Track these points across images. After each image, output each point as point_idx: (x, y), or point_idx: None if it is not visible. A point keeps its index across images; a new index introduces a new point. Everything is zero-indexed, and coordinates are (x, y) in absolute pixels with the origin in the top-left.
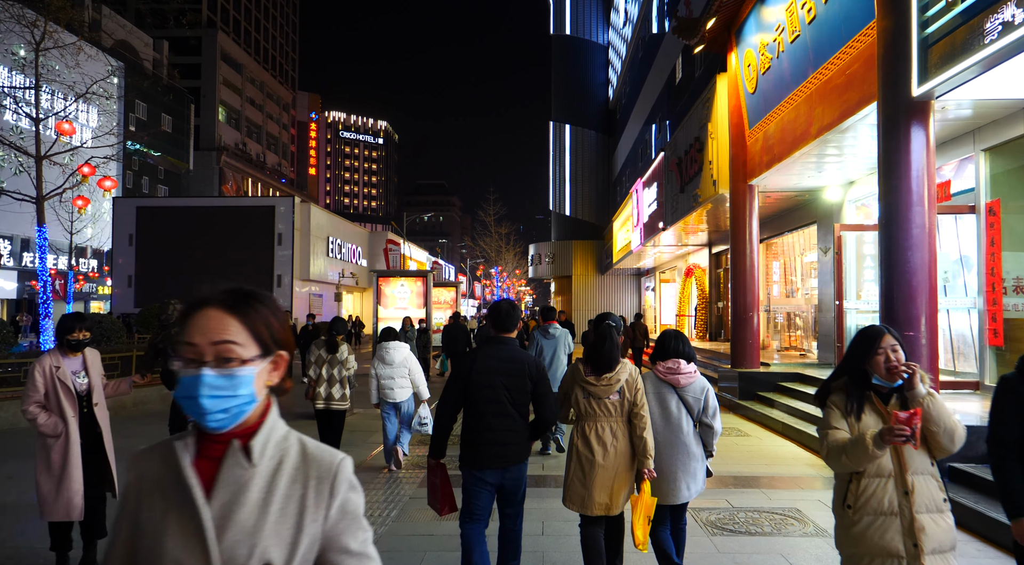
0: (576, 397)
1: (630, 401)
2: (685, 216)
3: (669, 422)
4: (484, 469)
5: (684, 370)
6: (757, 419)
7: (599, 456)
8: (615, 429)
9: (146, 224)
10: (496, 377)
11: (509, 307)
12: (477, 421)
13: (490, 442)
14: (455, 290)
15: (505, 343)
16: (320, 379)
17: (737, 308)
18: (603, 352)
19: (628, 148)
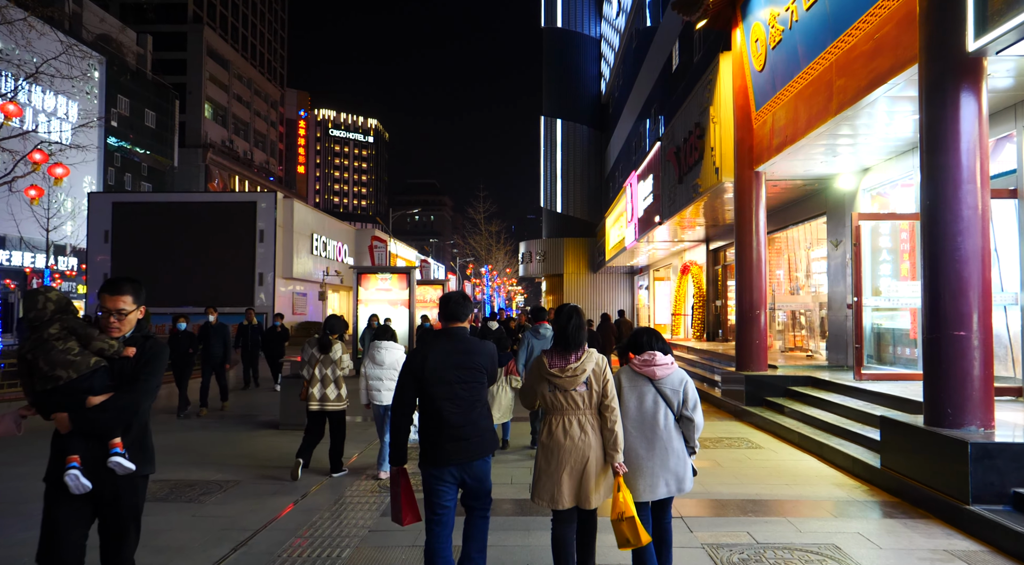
0: (542, 391)
1: (598, 392)
2: (684, 208)
3: (646, 416)
4: (443, 466)
5: (660, 361)
6: (768, 428)
7: (566, 452)
8: (583, 422)
9: (123, 220)
10: (449, 371)
11: (460, 297)
12: (433, 418)
13: (448, 438)
14: (442, 288)
15: (455, 334)
16: (313, 379)
17: (743, 306)
18: (568, 328)
19: (621, 142)
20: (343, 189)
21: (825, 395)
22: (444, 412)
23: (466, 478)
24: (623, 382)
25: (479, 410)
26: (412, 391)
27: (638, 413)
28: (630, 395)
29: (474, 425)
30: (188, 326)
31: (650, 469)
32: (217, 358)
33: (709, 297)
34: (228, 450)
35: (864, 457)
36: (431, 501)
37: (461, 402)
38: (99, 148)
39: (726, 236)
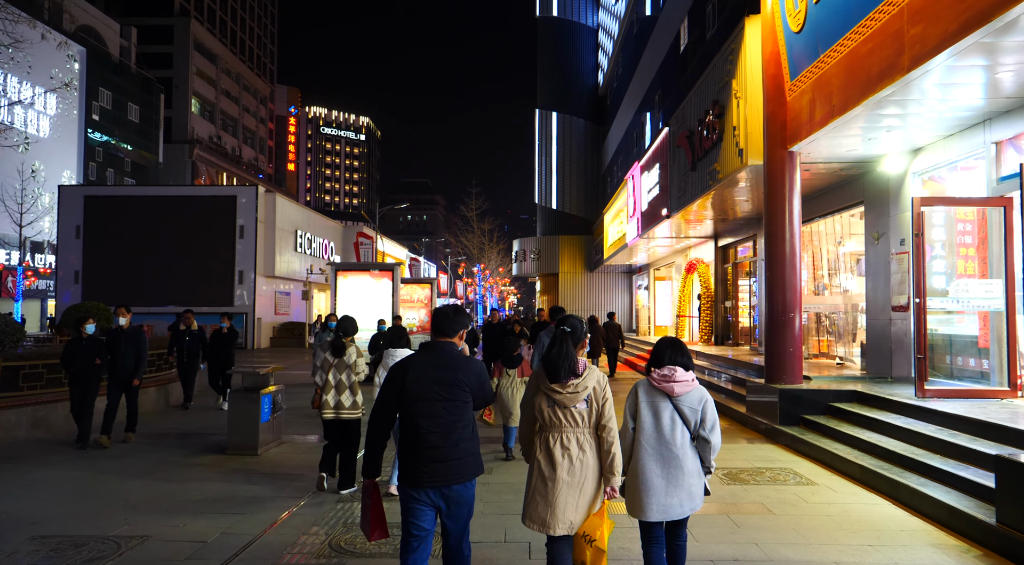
0: (540, 405)
1: (598, 412)
2: (697, 198)
3: (661, 434)
4: (420, 488)
5: (680, 378)
6: (814, 455)
7: (563, 471)
8: (582, 441)
9: (95, 215)
10: (432, 388)
11: (453, 311)
12: (411, 436)
13: (426, 459)
14: (430, 287)
15: (442, 349)
16: (327, 385)
17: (774, 308)
18: (552, 359)
19: (620, 135)
20: (334, 188)
21: (879, 415)
22: (422, 430)
23: (443, 503)
24: (640, 396)
25: (461, 431)
26: (392, 405)
27: (654, 430)
28: (646, 411)
29: (454, 447)
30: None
31: (662, 488)
32: (126, 372)
33: (718, 297)
34: (143, 490)
35: (965, 507)
36: (406, 522)
37: (440, 421)
38: (79, 141)
39: (737, 232)
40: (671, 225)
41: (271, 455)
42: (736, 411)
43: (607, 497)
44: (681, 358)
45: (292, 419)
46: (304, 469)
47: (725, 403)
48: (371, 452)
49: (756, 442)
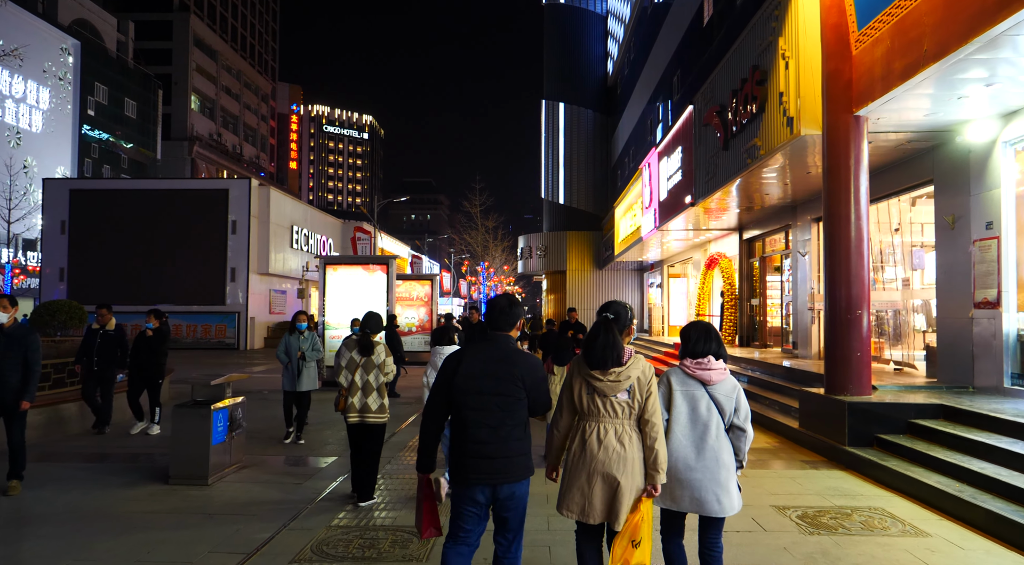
0: (579, 392)
1: (640, 403)
2: (730, 181)
3: (697, 424)
4: (470, 486)
5: (714, 366)
6: (905, 488)
7: (599, 463)
8: (620, 433)
9: (81, 209)
10: (484, 382)
11: (507, 303)
12: (461, 431)
13: (476, 455)
14: (431, 284)
15: (496, 342)
16: (353, 387)
17: (836, 304)
18: (595, 348)
19: (632, 124)
20: (337, 187)
21: (981, 436)
22: (470, 423)
23: (496, 502)
24: (673, 385)
25: (511, 429)
26: (444, 397)
27: (690, 420)
28: (681, 400)
29: (503, 443)
30: None
31: (698, 481)
32: (9, 387)
33: (743, 295)
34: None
35: None
36: (454, 520)
37: (491, 415)
38: (72, 137)
39: (765, 222)
40: (691, 217)
41: (225, 486)
42: (782, 425)
43: (647, 495)
44: (714, 345)
45: (270, 431)
46: (263, 507)
47: (762, 412)
48: (425, 446)
49: (820, 467)
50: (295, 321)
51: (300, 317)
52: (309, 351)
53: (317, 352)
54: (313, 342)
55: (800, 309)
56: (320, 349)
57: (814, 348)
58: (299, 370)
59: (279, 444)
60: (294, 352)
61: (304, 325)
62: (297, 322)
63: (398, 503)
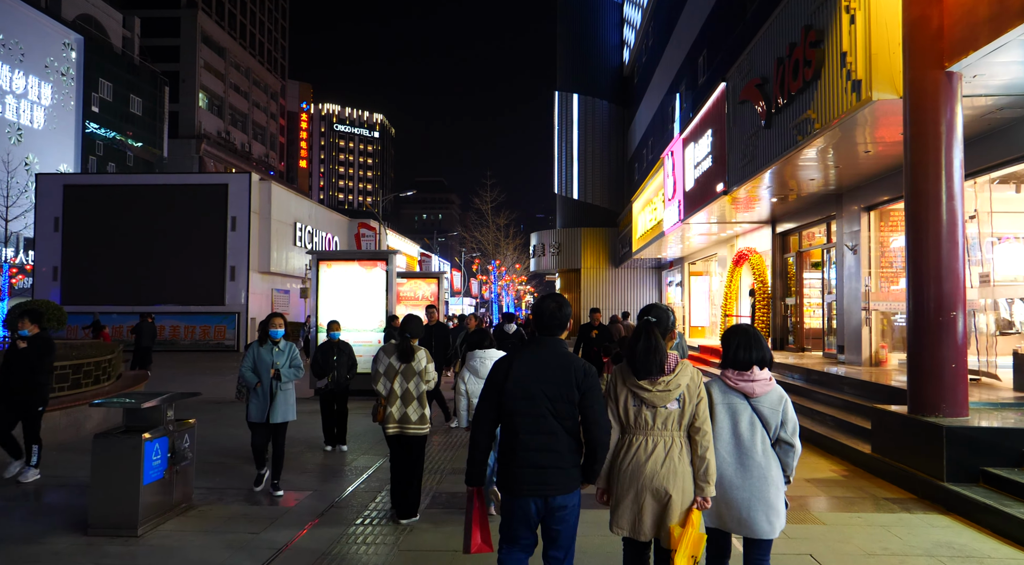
0: (624, 405)
1: (690, 413)
2: (774, 162)
3: (741, 440)
4: (519, 497)
5: (759, 376)
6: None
7: (648, 479)
8: (669, 445)
9: (75, 205)
10: (535, 386)
11: (556, 305)
12: (511, 439)
13: (525, 464)
14: (437, 283)
15: (546, 345)
16: (392, 396)
17: (924, 305)
18: (635, 354)
19: (650, 114)
20: (348, 186)
21: None
22: (521, 431)
23: (546, 515)
24: (714, 398)
25: (564, 437)
26: (494, 405)
27: (732, 435)
28: (723, 414)
29: (555, 453)
30: None
31: (744, 500)
32: None
33: (777, 293)
34: None
35: None
36: (506, 526)
37: (542, 422)
38: (76, 134)
39: (803, 214)
40: (718, 209)
41: (161, 538)
42: (846, 448)
43: (698, 507)
44: (759, 352)
45: (239, 453)
46: None
47: (813, 428)
48: (474, 457)
49: (914, 509)
50: (267, 326)
51: (275, 321)
52: (286, 368)
53: (297, 370)
54: (292, 356)
55: (847, 309)
56: (301, 366)
57: (865, 353)
58: (272, 394)
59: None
60: (265, 370)
61: (280, 332)
62: (271, 328)
63: None
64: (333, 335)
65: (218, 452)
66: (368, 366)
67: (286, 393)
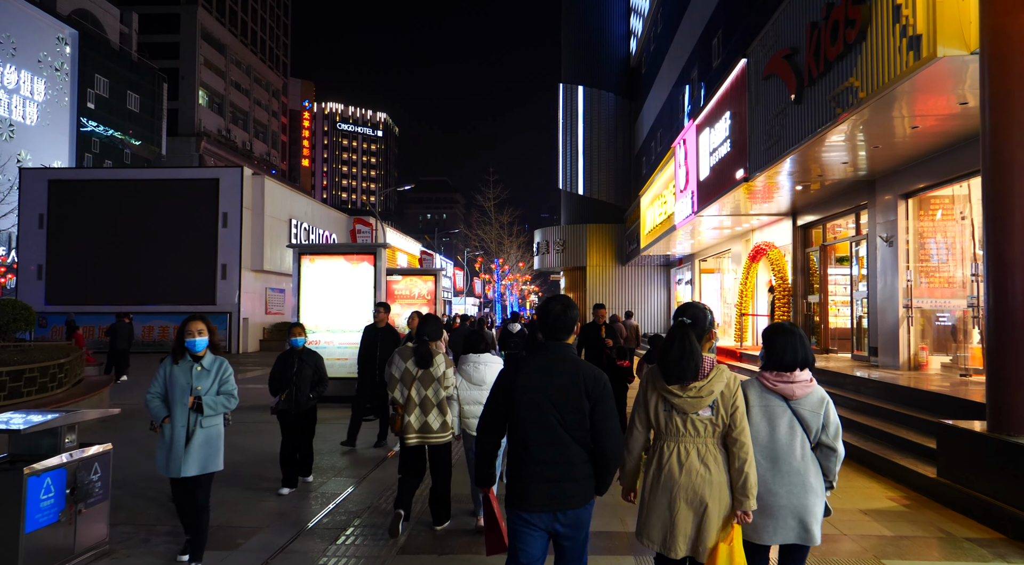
0: (655, 410)
1: (725, 421)
2: (806, 142)
3: (778, 443)
4: (528, 511)
5: (799, 378)
6: None
7: (679, 488)
8: (704, 454)
9: (61, 201)
10: (542, 396)
11: (561, 307)
12: (520, 451)
13: (536, 477)
14: (434, 280)
15: (555, 351)
16: (410, 403)
17: (1007, 301)
18: (669, 358)
19: (659, 105)
20: (351, 185)
21: None
22: (531, 443)
23: (558, 529)
24: (751, 400)
25: (573, 449)
26: (501, 413)
27: (770, 439)
28: (760, 417)
29: (566, 466)
30: None
31: (782, 507)
32: None
33: (799, 290)
34: None
35: None
36: (513, 547)
37: (552, 434)
38: (70, 130)
39: (828, 204)
40: (733, 201)
41: None
42: (902, 469)
43: (738, 521)
44: (804, 352)
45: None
46: None
47: (857, 444)
48: (482, 460)
49: (1011, 557)
50: (184, 333)
51: (192, 327)
52: (210, 395)
53: (228, 398)
54: (221, 377)
55: (880, 307)
56: (235, 393)
57: (902, 356)
58: (189, 433)
59: None
60: (181, 398)
61: (202, 342)
62: (187, 337)
63: None
64: (294, 342)
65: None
66: (353, 370)
67: (209, 433)
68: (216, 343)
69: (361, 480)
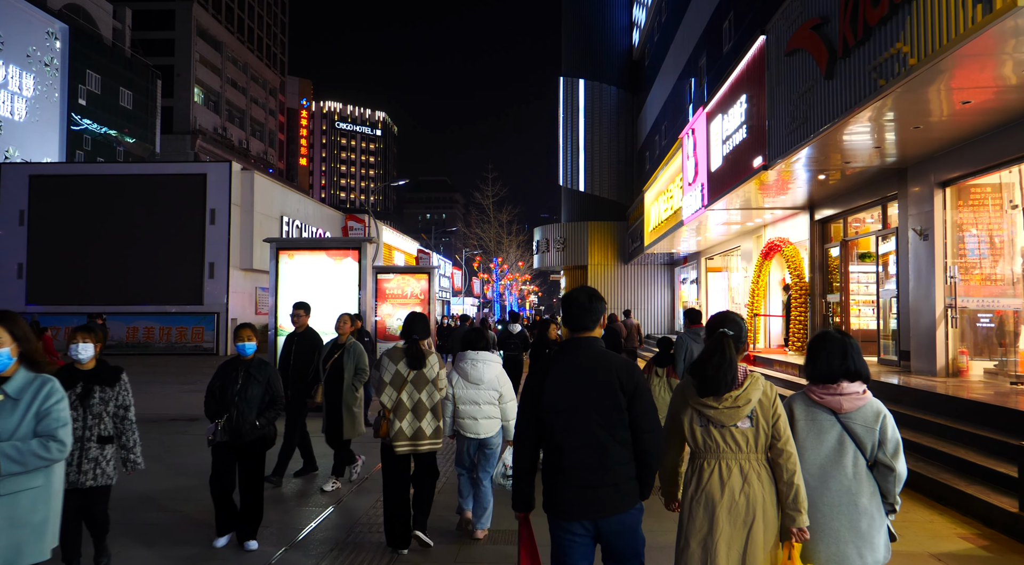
0: (690, 426)
1: (767, 432)
2: (840, 121)
3: (827, 462)
4: (568, 520)
5: (848, 390)
6: None
7: (723, 510)
8: (747, 469)
9: (43, 198)
10: (575, 397)
11: (587, 297)
12: (556, 457)
13: (572, 483)
14: (427, 278)
15: (584, 346)
16: (401, 408)
17: None
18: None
19: (663, 97)
20: (350, 184)
21: None
22: (566, 448)
23: (603, 536)
24: (796, 415)
25: (614, 450)
26: (532, 420)
27: (817, 457)
28: (807, 433)
29: (606, 470)
30: None
31: (834, 531)
32: None
33: (816, 289)
34: None
35: None
36: (557, 557)
37: (589, 436)
38: (61, 127)
39: (847, 198)
40: (746, 194)
41: None
42: (973, 499)
43: (796, 539)
44: (844, 362)
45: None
46: None
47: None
48: (521, 477)
49: None
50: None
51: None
52: (14, 441)
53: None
54: (39, 408)
55: (914, 307)
56: (59, 434)
57: (940, 361)
58: None
59: None
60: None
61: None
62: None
63: None
64: (241, 348)
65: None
66: None
67: (15, 504)
68: (32, 355)
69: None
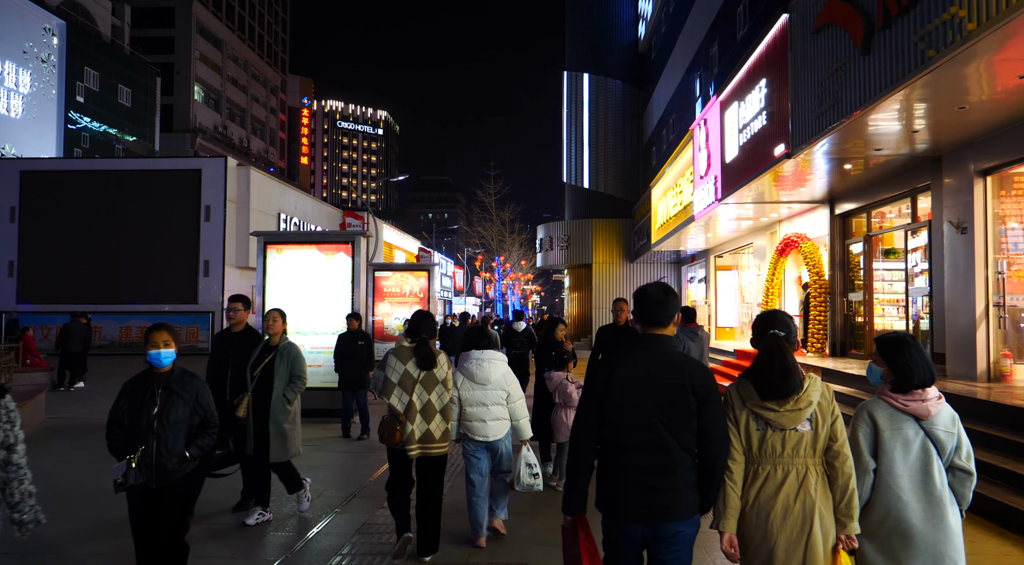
0: (745, 428)
1: (826, 434)
2: (874, 101)
3: (916, 471)
4: (625, 521)
5: (931, 395)
6: None
7: (778, 517)
8: (803, 474)
9: (34, 194)
10: (644, 394)
11: (663, 292)
12: (616, 455)
13: (632, 485)
14: (427, 277)
15: (655, 343)
16: (411, 410)
17: None
18: (771, 375)
19: (671, 90)
20: (351, 183)
21: None
22: (629, 447)
23: (657, 542)
24: (880, 424)
25: (677, 454)
26: (594, 415)
27: (907, 468)
28: (894, 443)
29: (669, 473)
30: None
31: (931, 545)
32: None
33: (837, 288)
34: None
35: None
36: (609, 560)
37: (654, 437)
38: (58, 124)
39: (871, 190)
40: (762, 188)
41: None
42: (1019, 514)
43: (843, 547)
44: (930, 369)
45: None
46: None
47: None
48: (576, 479)
49: None
50: None
51: None
52: None
53: None
54: None
55: (950, 306)
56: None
57: (981, 365)
58: None
59: None
60: None
61: None
62: None
63: None
64: (154, 358)
65: None
66: (327, 378)
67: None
68: None
69: None
